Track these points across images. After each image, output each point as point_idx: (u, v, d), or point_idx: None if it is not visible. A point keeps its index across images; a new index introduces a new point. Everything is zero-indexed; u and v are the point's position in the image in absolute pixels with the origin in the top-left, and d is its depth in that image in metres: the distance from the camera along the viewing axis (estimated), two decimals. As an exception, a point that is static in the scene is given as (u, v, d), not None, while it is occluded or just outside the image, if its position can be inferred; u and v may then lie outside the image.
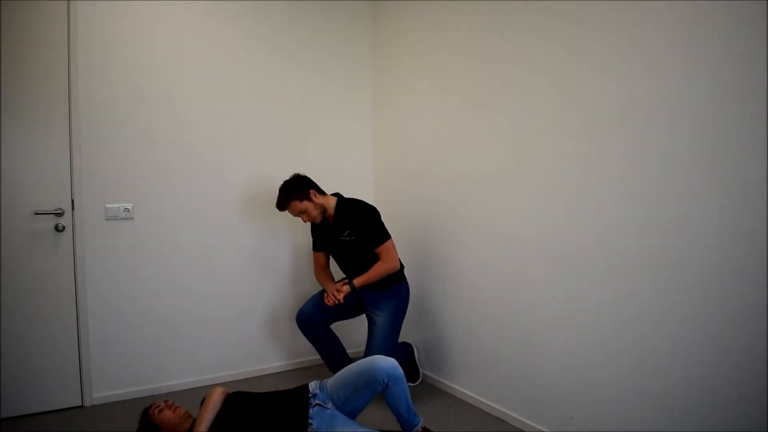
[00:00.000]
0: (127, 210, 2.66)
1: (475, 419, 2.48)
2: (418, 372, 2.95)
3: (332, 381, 2.12)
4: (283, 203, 2.58)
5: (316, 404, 2.04)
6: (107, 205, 2.62)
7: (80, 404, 2.58)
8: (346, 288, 2.53)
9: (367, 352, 2.54)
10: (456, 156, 2.72)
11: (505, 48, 2.39)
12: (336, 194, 2.68)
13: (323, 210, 2.61)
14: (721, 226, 1.63)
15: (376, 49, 3.34)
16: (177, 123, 2.77)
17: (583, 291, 2.08)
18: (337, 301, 2.52)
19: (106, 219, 2.62)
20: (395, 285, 2.66)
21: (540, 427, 2.28)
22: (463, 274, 2.70)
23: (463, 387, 2.73)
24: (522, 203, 2.34)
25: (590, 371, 2.07)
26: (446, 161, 2.79)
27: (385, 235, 2.60)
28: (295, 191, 2.57)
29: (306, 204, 2.56)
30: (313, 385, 2.13)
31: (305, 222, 2.65)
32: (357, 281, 2.56)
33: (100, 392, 2.63)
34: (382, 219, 2.63)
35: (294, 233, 3.17)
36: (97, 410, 2.56)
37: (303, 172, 3.14)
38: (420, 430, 2.12)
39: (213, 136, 2.87)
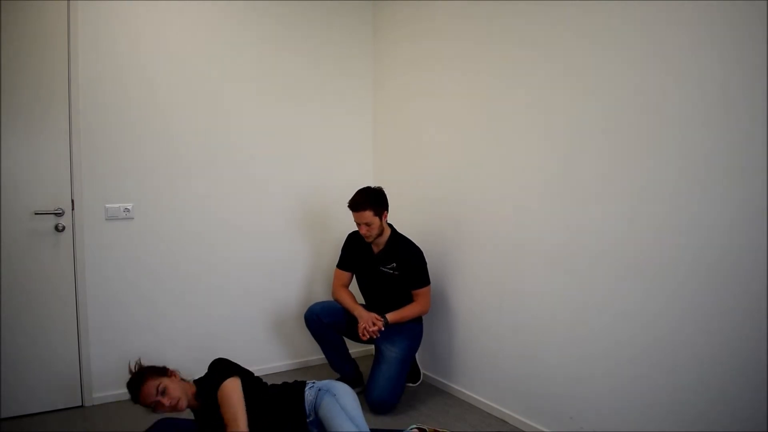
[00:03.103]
0: (127, 210, 2.66)
1: (475, 419, 2.48)
2: (419, 372, 2.95)
3: (323, 418, 1.97)
4: (359, 206, 2.57)
5: None
6: (107, 205, 2.61)
7: (80, 404, 2.58)
8: (380, 324, 2.52)
9: (374, 386, 2.53)
10: (456, 155, 2.72)
11: (508, 36, 2.38)
12: (389, 224, 2.72)
13: (379, 234, 2.63)
14: (719, 224, 1.63)
15: (375, 43, 3.34)
16: (178, 123, 2.77)
17: (583, 292, 2.08)
18: (372, 336, 2.51)
19: (106, 219, 2.62)
20: (413, 324, 2.69)
21: (540, 427, 2.28)
22: (462, 275, 2.70)
23: (463, 387, 2.73)
24: (521, 204, 2.34)
25: (590, 372, 2.06)
26: (446, 160, 2.79)
27: (428, 281, 2.66)
28: (377, 204, 2.59)
29: (376, 220, 2.58)
30: (309, 405, 2.02)
31: (362, 233, 2.62)
32: (391, 318, 2.57)
33: (100, 392, 2.63)
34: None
35: (297, 234, 3.17)
36: (97, 410, 2.56)
37: (303, 169, 3.16)
38: None
39: (214, 135, 2.87)
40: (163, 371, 1.97)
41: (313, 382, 2.11)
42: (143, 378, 1.89)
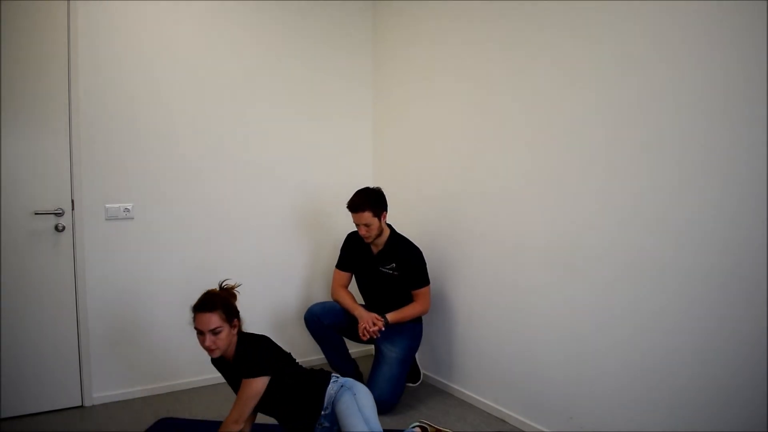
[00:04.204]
0: (127, 210, 2.66)
1: (475, 419, 2.48)
2: (419, 372, 2.95)
3: (339, 414, 2.01)
4: (358, 207, 2.56)
5: (324, 426, 2.06)
6: (107, 205, 2.62)
7: (80, 404, 2.58)
8: (381, 324, 2.53)
9: (374, 386, 2.51)
10: (455, 155, 2.72)
11: (508, 38, 2.38)
12: (389, 225, 2.72)
13: (379, 235, 2.63)
14: (719, 224, 1.63)
15: (375, 45, 3.34)
16: (177, 123, 2.77)
17: (582, 293, 2.08)
18: (373, 336, 2.52)
19: (106, 219, 2.62)
20: (413, 324, 2.69)
21: (540, 427, 2.28)
22: (463, 275, 2.70)
23: (463, 387, 2.73)
24: (521, 204, 2.34)
25: (590, 372, 2.06)
26: (445, 160, 2.79)
27: (427, 281, 2.66)
28: (376, 205, 2.58)
29: (375, 221, 2.58)
30: (328, 398, 2.06)
31: (362, 234, 2.62)
32: (391, 318, 2.57)
33: (100, 392, 2.63)
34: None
35: (297, 234, 3.17)
36: (97, 410, 2.56)
37: (303, 169, 3.16)
38: None
39: (214, 136, 2.87)
40: (232, 316, 1.97)
41: (337, 377, 2.14)
42: (213, 308, 1.91)
